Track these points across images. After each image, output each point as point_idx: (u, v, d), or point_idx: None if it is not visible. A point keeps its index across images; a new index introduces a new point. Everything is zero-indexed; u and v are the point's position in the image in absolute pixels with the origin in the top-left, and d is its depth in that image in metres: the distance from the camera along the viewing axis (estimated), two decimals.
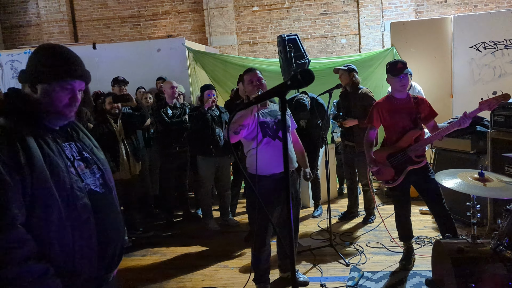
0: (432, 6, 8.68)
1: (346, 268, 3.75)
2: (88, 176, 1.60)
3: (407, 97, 3.54)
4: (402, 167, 3.48)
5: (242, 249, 4.37)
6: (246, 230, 4.84)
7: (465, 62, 6.01)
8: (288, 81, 1.23)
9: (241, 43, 9.41)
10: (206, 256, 4.30)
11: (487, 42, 5.88)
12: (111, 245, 1.62)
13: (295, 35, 5.78)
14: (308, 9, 9.11)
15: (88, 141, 1.72)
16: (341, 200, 5.95)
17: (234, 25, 9.31)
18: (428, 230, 4.50)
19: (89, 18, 9.98)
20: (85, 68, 1.59)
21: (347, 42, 9.04)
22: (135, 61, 6.52)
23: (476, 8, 8.48)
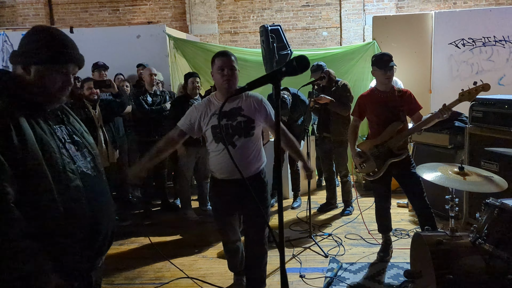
0: (412, 1, 8.78)
1: (325, 259, 3.77)
2: (80, 158, 1.59)
3: (391, 89, 3.56)
4: (384, 160, 3.51)
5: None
6: None
7: (444, 58, 6.10)
8: (283, 67, 1.20)
9: (222, 32, 9.30)
10: (184, 245, 4.25)
11: (466, 39, 5.99)
12: (103, 228, 1.61)
13: (278, 25, 5.72)
14: (291, 0, 9.07)
15: (78, 126, 1.72)
16: (320, 192, 5.99)
17: (215, 13, 9.18)
18: (405, 223, 4.57)
19: (66, 1, 9.66)
20: (79, 52, 1.58)
21: (328, 35, 9.05)
22: (114, 47, 6.35)
23: (455, 5, 8.62)
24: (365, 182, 5.83)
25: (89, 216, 1.53)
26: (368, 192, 5.56)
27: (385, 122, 3.52)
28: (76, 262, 1.51)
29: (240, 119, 2.71)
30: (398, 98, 3.53)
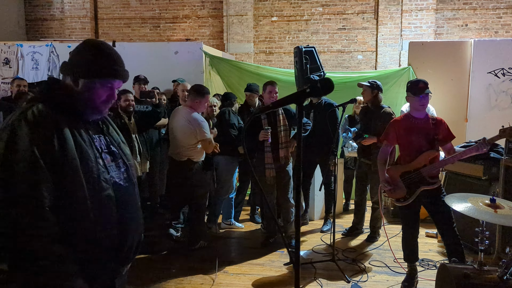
0: (452, 29, 8.66)
1: (347, 284, 3.70)
2: (114, 169, 1.64)
3: (426, 117, 3.51)
4: (415, 187, 3.43)
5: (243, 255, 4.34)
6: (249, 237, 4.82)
7: (482, 87, 5.96)
8: (307, 88, 1.22)
9: (257, 51, 9.45)
10: (206, 259, 4.27)
11: (506, 68, 5.83)
12: (130, 238, 1.64)
13: (312, 47, 5.77)
14: (327, 23, 9.13)
15: (116, 136, 1.77)
16: (346, 216, 5.89)
17: (252, 33, 9.35)
18: (433, 254, 4.43)
19: (111, 17, 10.11)
20: (125, 68, 1.65)
21: (363, 58, 9.02)
22: (153, 61, 6.57)
23: (496, 34, 8.43)
24: (394, 209, 5.69)
25: (117, 225, 1.57)
26: (396, 219, 5.43)
27: (418, 149, 3.46)
28: (102, 269, 1.55)
29: None
30: (432, 126, 3.47)
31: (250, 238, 4.94)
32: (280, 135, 4.36)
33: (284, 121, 4.38)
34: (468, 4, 8.58)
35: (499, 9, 8.46)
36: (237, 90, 6.65)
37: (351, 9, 8.99)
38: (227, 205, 5.18)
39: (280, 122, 4.36)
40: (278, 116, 4.37)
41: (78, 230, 1.47)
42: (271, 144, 4.29)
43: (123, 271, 1.70)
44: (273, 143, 4.30)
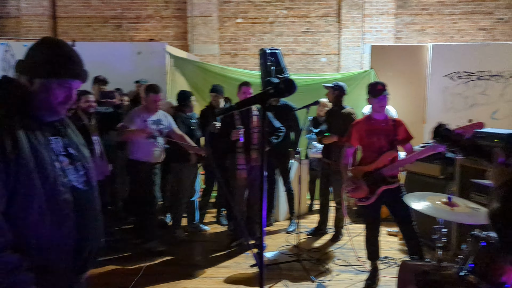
0: (411, 33, 8.95)
1: (312, 284, 3.74)
2: (72, 172, 1.57)
3: (386, 118, 3.61)
4: (376, 187, 3.52)
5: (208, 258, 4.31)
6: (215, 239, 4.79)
7: (439, 90, 6.19)
8: (270, 89, 1.22)
9: (222, 53, 9.42)
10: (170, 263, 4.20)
11: (461, 72, 6.09)
12: (88, 244, 1.59)
13: (277, 49, 5.83)
14: (291, 26, 9.22)
15: (75, 138, 1.70)
16: (311, 216, 5.97)
17: (217, 34, 9.31)
18: (394, 251, 4.55)
19: (70, 15, 9.79)
20: (84, 68, 1.59)
21: (327, 61, 9.18)
22: (115, 62, 6.41)
23: (452, 38, 8.79)
24: (357, 208, 5.82)
25: (75, 231, 1.51)
26: (359, 218, 5.55)
27: (379, 150, 3.55)
28: (59, 277, 1.49)
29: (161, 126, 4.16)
30: (392, 127, 3.57)
31: (216, 240, 4.91)
32: (253, 137, 4.37)
33: (257, 122, 4.39)
34: (425, 9, 8.90)
35: (454, 15, 8.83)
36: (202, 91, 6.61)
37: (314, 12, 9.12)
38: (191, 208, 5.12)
39: (253, 124, 4.38)
40: (251, 118, 4.39)
41: (33, 237, 1.40)
42: (243, 145, 4.29)
43: (81, 279, 1.64)
44: (245, 144, 4.31)
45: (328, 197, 5.10)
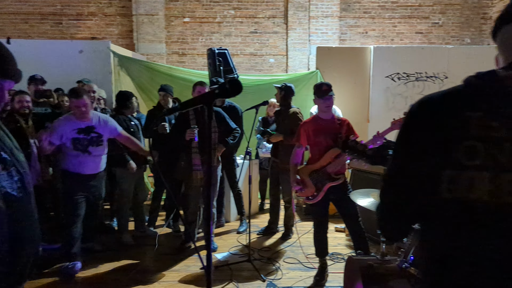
0: (354, 35, 9.27)
1: (263, 283, 3.76)
2: (5, 178, 1.46)
3: (332, 118, 3.70)
4: (322, 184, 3.60)
5: (158, 262, 4.21)
6: (164, 243, 4.69)
7: (381, 90, 6.45)
8: (216, 89, 1.21)
9: (170, 52, 9.26)
10: (119, 269, 4.06)
11: (401, 73, 6.39)
12: (24, 254, 1.49)
13: (225, 49, 5.82)
14: (239, 26, 9.24)
15: (8, 141, 1.57)
16: (262, 216, 6.01)
17: (163, 34, 9.14)
18: (341, 247, 4.68)
19: (5, 11, 9.21)
20: (17, 67, 1.49)
21: (275, 61, 9.29)
22: (54, 60, 6.13)
23: (392, 41, 9.21)
24: (306, 206, 5.93)
25: (10, 240, 1.41)
26: (308, 216, 5.67)
27: (326, 149, 3.63)
28: None
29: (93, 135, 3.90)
30: (337, 126, 3.67)
31: (165, 244, 4.81)
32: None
33: (213, 123, 4.34)
34: (367, 13, 9.26)
35: (394, 18, 9.26)
36: (149, 91, 6.46)
37: (262, 13, 9.20)
38: (139, 212, 4.99)
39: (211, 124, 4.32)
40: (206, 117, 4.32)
41: None
42: (198, 145, 4.22)
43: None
44: (200, 145, 4.24)
45: (279, 196, 5.16)
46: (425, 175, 1.09)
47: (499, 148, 1.00)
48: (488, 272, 1.01)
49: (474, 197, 1.02)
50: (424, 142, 1.10)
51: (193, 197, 4.39)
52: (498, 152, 1.00)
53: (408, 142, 1.17)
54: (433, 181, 1.07)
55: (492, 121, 1.01)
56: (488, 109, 1.03)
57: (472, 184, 1.02)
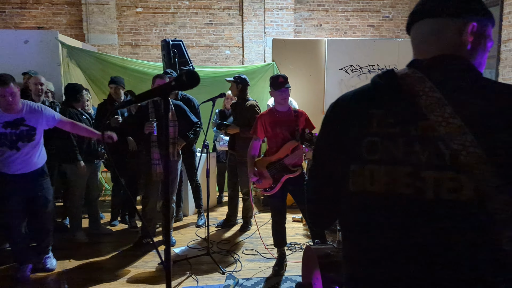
0: (309, 28, 9.39)
1: (222, 276, 3.76)
2: None
3: (288, 110, 3.73)
4: (280, 176, 3.64)
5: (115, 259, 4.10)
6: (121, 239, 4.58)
7: (335, 82, 6.59)
8: (172, 81, 1.18)
9: (122, 43, 8.98)
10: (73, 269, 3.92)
11: (354, 65, 6.55)
12: None
13: (180, 41, 5.72)
14: (194, 17, 9.10)
15: None
16: (220, 209, 6.01)
17: (115, 24, 8.84)
18: (299, 237, 4.77)
19: None
20: None
21: (231, 53, 9.24)
22: None
23: (346, 34, 9.41)
24: (264, 198, 5.98)
25: None
26: (266, 207, 5.72)
27: (283, 141, 3.67)
28: None
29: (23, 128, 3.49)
30: (294, 118, 3.71)
31: (122, 240, 4.69)
32: (169, 130, 4.20)
33: (173, 116, 4.25)
34: (321, 6, 9.40)
35: (347, 11, 9.46)
36: (100, 83, 6.24)
37: (217, 5, 9.11)
38: (93, 209, 4.83)
39: (169, 117, 4.21)
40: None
41: None
42: (157, 139, 4.12)
43: None
44: (159, 138, 4.14)
45: (237, 189, 5.16)
46: (338, 170, 1.16)
47: (395, 143, 1.06)
48: (384, 261, 1.08)
49: (374, 189, 1.08)
50: (337, 139, 1.18)
51: (152, 192, 4.30)
52: (394, 147, 1.06)
53: (324, 139, 1.26)
54: (344, 176, 1.14)
55: (389, 118, 1.08)
56: (387, 107, 1.10)
57: (372, 177, 1.08)
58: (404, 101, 1.08)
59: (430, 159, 1.02)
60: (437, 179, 1.00)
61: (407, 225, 1.04)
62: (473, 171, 0.96)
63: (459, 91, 1.04)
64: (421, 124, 1.04)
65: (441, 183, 1.00)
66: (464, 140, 0.97)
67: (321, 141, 1.28)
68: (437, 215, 1.01)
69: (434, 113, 1.02)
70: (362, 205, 1.13)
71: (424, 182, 1.02)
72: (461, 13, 1.11)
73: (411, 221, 1.04)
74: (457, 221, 0.99)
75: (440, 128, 1.01)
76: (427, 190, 1.01)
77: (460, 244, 0.99)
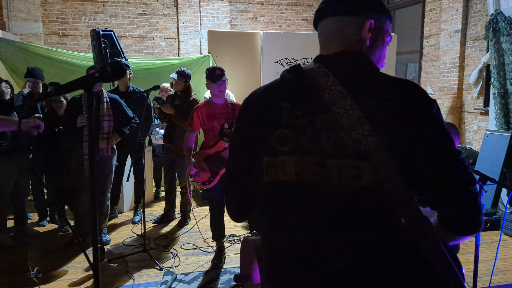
0: (245, 20, 9.39)
1: (160, 272, 3.69)
2: None
3: (225, 102, 3.72)
4: (218, 169, 3.62)
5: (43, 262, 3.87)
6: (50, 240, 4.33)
7: (271, 75, 6.65)
8: (96, 72, 1.12)
9: (48, 33, 8.42)
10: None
11: (289, 59, 6.66)
12: None
13: (111, 31, 5.48)
14: (126, 7, 8.75)
15: None
16: (157, 204, 5.88)
17: (40, 12, 8.26)
18: (238, 229, 4.79)
19: None
20: None
21: (166, 45, 9.02)
22: None
23: (281, 27, 9.54)
24: (202, 191, 5.94)
25: None
26: (205, 201, 5.69)
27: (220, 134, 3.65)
28: None
29: None
30: (231, 110, 3.70)
31: (52, 241, 4.43)
32: (102, 125, 4.03)
33: (108, 110, 4.06)
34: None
35: (281, 5, 9.58)
36: (24, 75, 5.82)
37: None
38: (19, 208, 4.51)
39: (103, 111, 4.03)
40: (102, 105, 4.03)
41: None
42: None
43: None
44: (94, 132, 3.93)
45: (174, 183, 5.07)
46: (253, 163, 1.22)
47: (303, 134, 1.13)
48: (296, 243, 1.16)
49: (286, 178, 1.15)
50: (250, 132, 1.24)
51: (85, 189, 4.11)
52: (302, 137, 1.13)
53: (238, 133, 1.31)
54: (259, 168, 1.20)
55: (297, 111, 1.15)
56: (295, 100, 1.17)
57: (283, 167, 1.15)
58: (310, 94, 1.14)
59: (334, 149, 1.09)
60: (341, 167, 1.08)
61: (316, 210, 1.12)
62: (372, 158, 1.04)
63: (358, 85, 1.12)
64: (326, 116, 1.10)
65: (344, 171, 1.07)
66: (363, 129, 1.05)
67: (236, 135, 1.33)
68: (342, 200, 1.09)
69: (336, 105, 1.09)
70: (276, 194, 1.19)
71: (329, 170, 1.09)
72: (360, 11, 1.18)
73: (319, 207, 1.12)
74: (360, 204, 1.08)
75: (342, 119, 1.07)
76: (332, 177, 1.09)
77: (363, 225, 1.08)
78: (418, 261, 1.08)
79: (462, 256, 3.87)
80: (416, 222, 1.04)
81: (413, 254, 1.08)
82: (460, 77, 6.84)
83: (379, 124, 1.05)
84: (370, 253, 1.08)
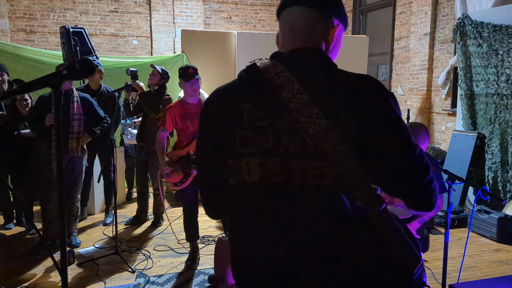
0: (219, 20, 9.36)
1: (132, 275, 3.62)
2: None
3: (199, 102, 3.69)
4: (191, 169, 3.58)
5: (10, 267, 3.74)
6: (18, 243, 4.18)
7: None
8: (64, 70, 1.08)
9: (15, 29, 8.15)
10: None
11: (264, 59, 6.66)
12: None
13: (81, 28, 5.35)
14: (97, 4, 8.56)
15: None
16: (129, 205, 5.78)
17: (6, 7, 7.99)
18: (212, 229, 4.77)
19: None
20: None
21: (138, 43, 8.88)
22: None
23: (255, 27, 9.55)
24: (176, 192, 5.87)
25: None
26: (178, 202, 5.62)
27: (193, 134, 3.62)
28: None
29: None
30: None
31: (18, 245, 4.29)
32: (72, 124, 3.91)
33: (78, 109, 3.96)
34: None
35: (256, 5, 9.59)
36: None
37: None
38: None
39: (73, 110, 3.92)
40: (72, 104, 3.91)
41: None
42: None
43: None
44: (63, 132, 3.81)
45: (147, 184, 4.99)
46: (219, 164, 1.21)
47: (265, 136, 1.12)
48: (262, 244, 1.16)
49: (251, 180, 1.14)
50: (212, 134, 1.23)
51: (54, 190, 3.99)
52: (265, 139, 1.12)
53: (202, 135, 1.29)
54: (225, 170, 1.19)
55: (258, 111, 1.13)
56: (253, 100, 1.15)
57: (248, 170, 1.14)
58: (267, 93, 1.12)
59: (297, 150, 1.09)
60: (303, 168, 1.08)
61: (280, 211, 1.12)
62: (332, 156, 1.05)
63: (315, 81, 1.11)
64: (286, 115, 1.09)
65: (307, 171, 1.08)
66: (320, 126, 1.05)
67: (200, 137, 1.30)
68: (305, 199, 1.09)
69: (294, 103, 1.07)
70: (241, 197, 1.19)
71: (292, 171, 1.09)
72: (328, 8, 1.16)
73: (283, 207, 1.12)
74: (322, 203, 1.09)
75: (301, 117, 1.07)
76: (295, 178, 1.09)
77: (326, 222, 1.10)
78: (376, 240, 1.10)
79: (431, 254, 3.97)
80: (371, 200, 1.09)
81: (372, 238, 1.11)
82: (429, 79, 7.02)
83: (337, 120, 1.05)
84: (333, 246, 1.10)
